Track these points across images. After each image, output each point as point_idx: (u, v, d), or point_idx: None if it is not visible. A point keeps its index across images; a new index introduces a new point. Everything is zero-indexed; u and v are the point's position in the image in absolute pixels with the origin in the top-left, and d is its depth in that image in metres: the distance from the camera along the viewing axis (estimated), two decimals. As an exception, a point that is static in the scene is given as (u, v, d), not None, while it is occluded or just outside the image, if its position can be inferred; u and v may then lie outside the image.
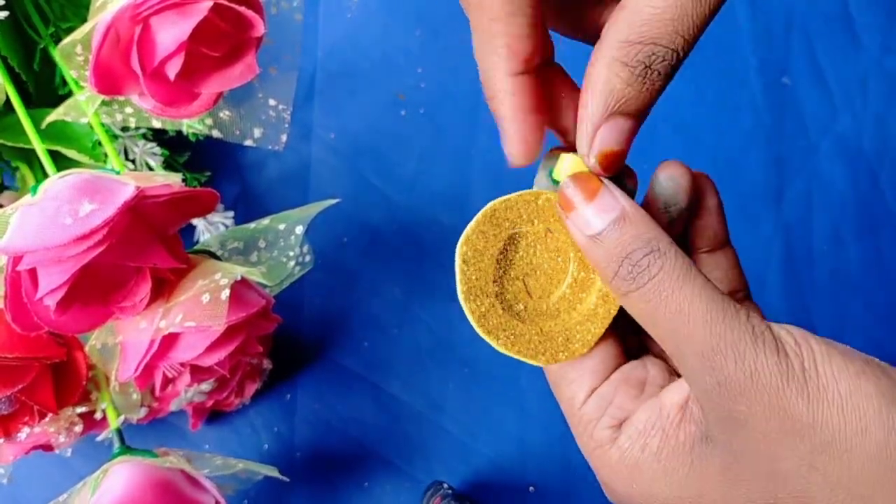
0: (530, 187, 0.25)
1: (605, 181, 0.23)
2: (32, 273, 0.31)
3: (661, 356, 0.27)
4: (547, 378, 0.26)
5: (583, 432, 0.25)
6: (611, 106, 0.22)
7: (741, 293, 0.27)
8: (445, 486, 0.50)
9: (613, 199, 0.23)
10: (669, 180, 0.25)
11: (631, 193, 0.25)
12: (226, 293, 0.35)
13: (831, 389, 0.20)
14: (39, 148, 0.36)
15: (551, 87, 0.25)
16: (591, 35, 0.25)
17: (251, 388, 0.49)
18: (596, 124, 0.22)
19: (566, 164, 0.24)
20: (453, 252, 0.27)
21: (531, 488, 0.53)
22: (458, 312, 0.60)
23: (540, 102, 0.23)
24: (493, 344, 0.25)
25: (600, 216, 0.23)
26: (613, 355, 0.26)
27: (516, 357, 0.25)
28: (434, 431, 0.53)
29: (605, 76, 0.21)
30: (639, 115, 0.22)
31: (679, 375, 0.25)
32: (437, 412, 0.53)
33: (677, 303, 0.21)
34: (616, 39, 0.21)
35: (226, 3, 0.32)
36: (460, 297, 0.26)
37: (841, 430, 0.20)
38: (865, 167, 0.57)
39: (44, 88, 0.44)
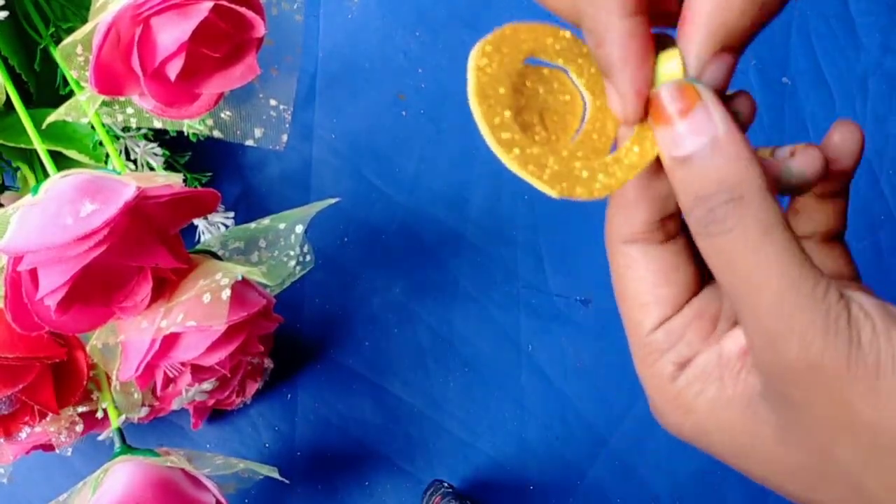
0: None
1: (707, 95, 0.20)
2: (33, 273, 0.31)
3: None
4: (614, 288, 0.24)
5: (644, 359, 0.23)
6: (722, 41, 0.20)
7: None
8: (446, 484, 0.50)
9: (709, 120, 0.20)
10: (799, 174, 0.23)
11: (743, 119, 0.22)
12: (227, 293, 0.35)
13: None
14: (40, 148, 0.37)
15: None
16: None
17: (252, 388, 0.49)
18: (704, 63, 0.20)
19: (671, 65, 0.21)
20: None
21: (531, 488, 0.53)
22: (459, 312, 0.60)
23: (652, 44, 0.21)
24: (505, 159, 0.21)
25: (690, 137, 0.20)
26: (690, 283, 0.23)
27: (529, 179, 0.21)
28: (434, 430, 0.53)
29: (711, 9, 0.19)
30: (743, 49, 0.20)
31: None
32: (438, 411, 0.53)
33: (749, 267, 0.19)
34: None
35: (226, 3, 0.32)
36: (471, 97, 0.21)
37: None
38: (865, 167, 0.58)
39: (44, 89, 0.44)
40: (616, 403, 0.54)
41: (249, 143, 0.40)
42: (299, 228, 0.40)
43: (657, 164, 0.22)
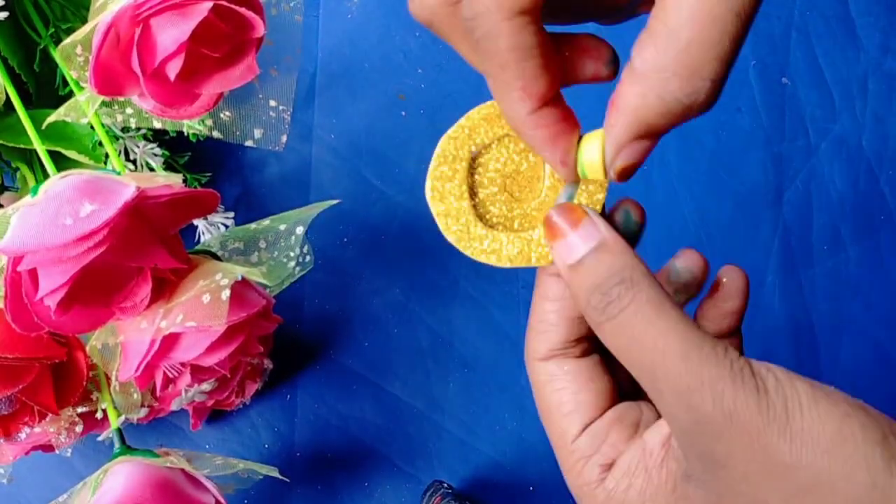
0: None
1: (590, 211, 0.24)
2: (33, 273, 0.31)
3: None
4: (537, 406, 0.26)
5: (572, 468, 0.24)
6: (639, 132, 0.22)
7: None
8: (445, 485, 0.50)
9: (595, 228, 0.23)
10: (686, 271, 0.25)
11: (638, 227, 0.25)
12: (226, 293, 0.35)
13: (816, 431, 0.19)
14: (40, 148, 0.36)
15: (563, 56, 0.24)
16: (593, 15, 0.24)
17: (252, 388, 0.49)
18: (621, 146, 0.22)
19: (591, 149, 0.23)
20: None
21: (531, 488, 0.53)
22: (459, 312, 0.60)
23: (566, 122, 0.23)
24: (477, 257, 0.26)
25: (582, 244, 0.23)
26: (608, 393, 0.25)
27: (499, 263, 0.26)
28: (434, 431, 0.53)
29: (635, 104, 0.21)
30: (662, 136, 0.22)
31: None
32: (438, 412, 0.53)
33: (651, 337, 0.21)
34: (653, 68, 0.20)
35: (226, 3, 0.32)
36: (442, 229, 0.26)
37: (826, 471, 0.19)
38: (865, 167, 0.58)
39: (44, 89, 0.44)
40: (616, 404, 0.54)
41: (249, 143, 0.40)
42: (300, 229, 0.40)
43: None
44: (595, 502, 0.24)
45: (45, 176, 0.34)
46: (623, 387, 0.26)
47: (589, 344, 0.25)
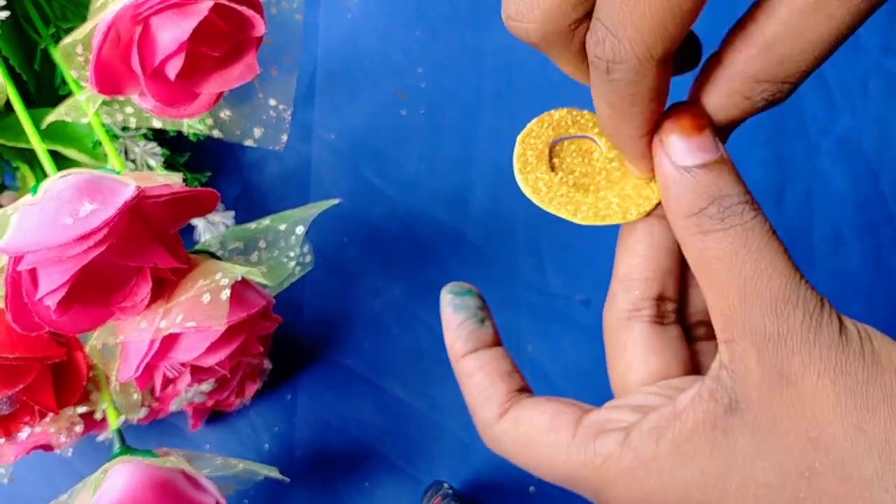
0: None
1: (712, 126, 0.23)
2: (33, 273, 0.31)
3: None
4: (526, 463, 0.25)
5: (584, 459, 0.23)
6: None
7: None
8: (446, 485, 0.50)
9: (716, 145, 0.22)
10: None
11: None
12: (226, 293, 0.35)
13: (892, 358, 0.20)
14: (40, 148, 0.36)
15: None
16: None
17: (251, 389, 0.49)
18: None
19: None
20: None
21: (531, 488, 0.53)
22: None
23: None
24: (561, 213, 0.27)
25: (697, 152, 0.22)
26: (678, 362, 0.26)
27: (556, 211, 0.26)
28: (434, 431, 0.53)
29: (720, 103, 0.22)
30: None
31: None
32: (438, 412, 0.53)
33: (760, 251, 0.21)
34: (743, 71, 0.21)
35: (226, 3, 0.32)
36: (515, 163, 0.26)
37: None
38: (865, 167, 0.57)
39: (44, 88, 0.44)
40: (616, 404, 0.54)
41: (249, 142, 0.40)
42: (300, 229, 0.40)
43: (662, 249, 0.26)
44: (622, 472, 0.22)
45: (45, 175, 0.34)
46: (642, 372, 0.26)
47: (672, 311, 0.26)
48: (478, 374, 0.27)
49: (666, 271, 0.26)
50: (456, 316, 0.28)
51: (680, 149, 0.22)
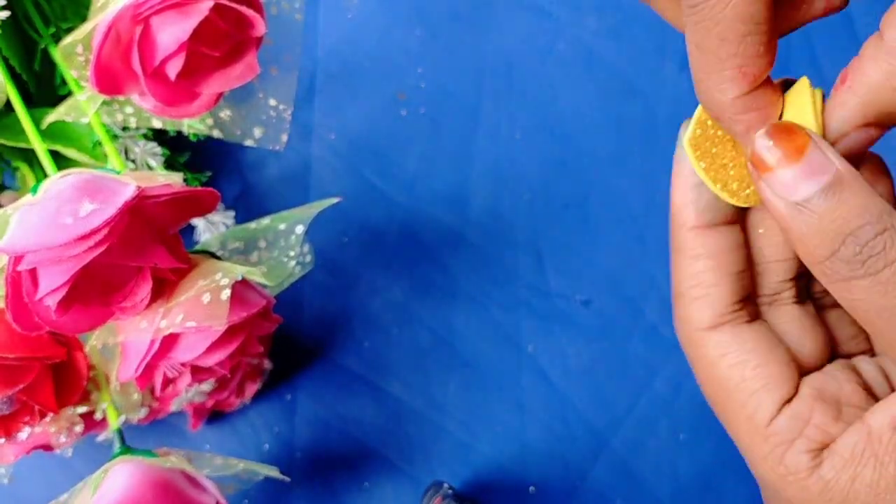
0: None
1: (814, 136, 0.19)
2: (33, 273, 0.31)
3: (849, 363, 0.23)
4: (705, 386, 0.22)
5: (769, 455, 0.20)
6: (872, 118, 0.19)
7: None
8: (446, 486, 0.50)
9: (825, 159, 0.19)
10: None
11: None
12: (226, 293, 0.35)
13: None
14: (40, 148, 0.36)
15: None
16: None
17: (251, 389, 0.49)
18: (847, 130, 0.20)
19: (794, 115, 0.20)
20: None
21: (531, 488, 0.53)
22: (459, 312, 0.60)
23: (775, 106, 0.20)
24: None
25: (808, 180, 0.18)
26: (794, 364, 0.21)
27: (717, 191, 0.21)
28: (434, 431, 0.53)
29: (878, 83, 0.18)
30: (889, 128, 0.19)
31: (875, 397, 0.21)
32: (438, 412, 0.53)
33: None
34: None
35: (226, 3, 0.32)
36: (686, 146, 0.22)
37: None
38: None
39: (44, 88, 0.44)
40: (617, 404, 0.54)
41: (249, 142, 0.40)
42: (300, 229, 0.40)
43: (724, 241, 0.22)
44: (807, 496, 0.20)
45: (45, 175, 0.34)
46: (806, 349, 0.22)
47: (754, 308, 0.22)
48: (703, 262, 0.21)
49: (739, 269, 0.22)
50: (695, 174, 0.22)
51: (785, 181, 0.19)
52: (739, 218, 0.22)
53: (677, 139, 0.22)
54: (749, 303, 0.22)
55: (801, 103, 0.20)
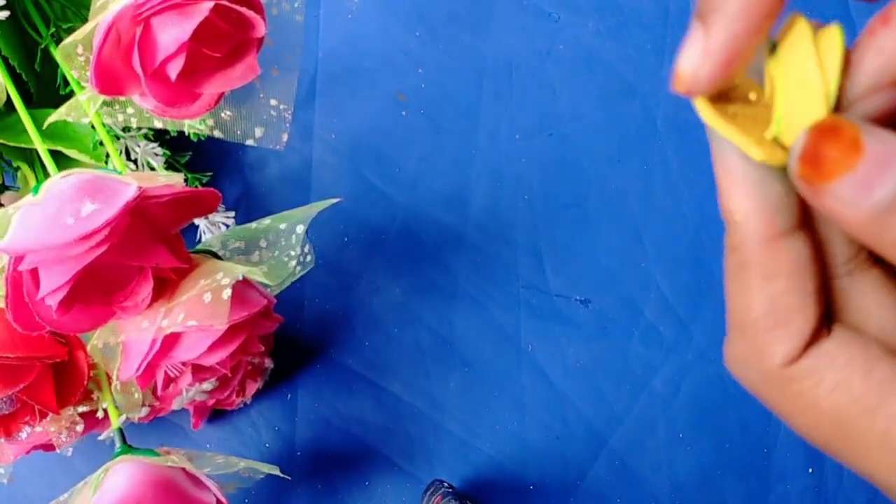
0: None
1: (864, 126, 0.15)
2: (34, 273, 0.31)
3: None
4: (818, 434, 0.18)
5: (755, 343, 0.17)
6: None
7: None
8: (446, 484, 0.50)
9: (886, 147, 0.15)
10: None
11: None
12: (227, 293, 0.35)
13: None
14: (41, 148, 0.37)
15: None
16: None
17: (252, 388, 0.49)
18: (881, 84, 0.16)
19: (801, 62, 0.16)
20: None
21: (531, 487, 0.53)
22: (459, 312, 0.60)
23: (766, 23, 0.16)
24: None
25: (879, 179, 0.15)
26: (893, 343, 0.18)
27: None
28: (434, 430, 0.53)
29: None
30: None
31: None
32: (438, 411, 0.53)
33: None
34: None
35: (227, 3, 0.32)
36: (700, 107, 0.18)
37: None
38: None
39: (45, 88, 0.44)
40: (616, 403, 0.54)
41: (250, 142, 0.40)
42: (300, 228, 0.40)
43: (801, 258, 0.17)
44: (787, 392, 0.17)
45: (46, 175, 0.34)
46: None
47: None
48: (782, 283, 0.17)
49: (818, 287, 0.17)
50: (750, 169, 0.17)
51: (853, 185, 0.15)
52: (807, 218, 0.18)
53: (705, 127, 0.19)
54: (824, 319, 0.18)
55: (800, 54, 0.16)
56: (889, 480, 0.17)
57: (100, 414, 0.40)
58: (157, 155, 0.47)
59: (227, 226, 0.51)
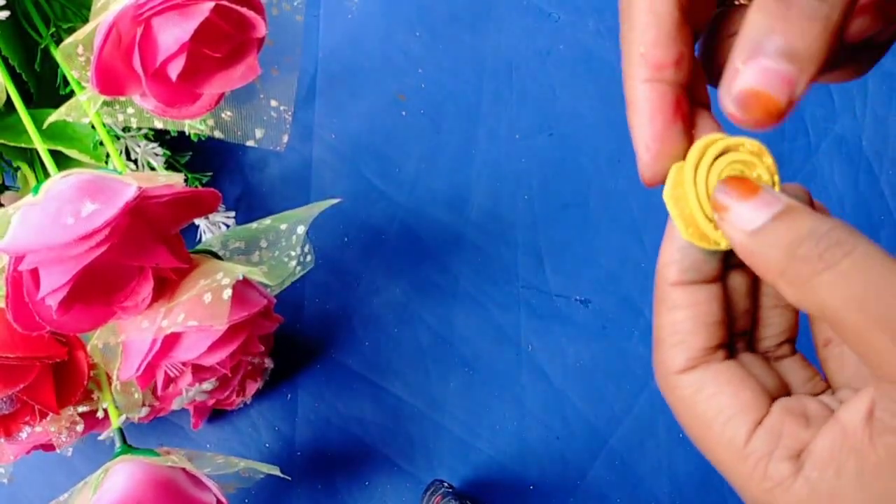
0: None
1: (764, 185, 0.21)
2: (34, 273, 0.31)
3: (812, 393, 0.24)
4: (686, 424, 0.23)
5: (752, 473, 0.21)
6: (763, 48, 0.19)
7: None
8: (446, 484, 0.50)
9: (774, 197, 0.20)
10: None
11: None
12: (228, 293, 0.35)
13: None
14: (41, 148, 0.37)
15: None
16: None
17: (252, 388, 0.49)
18: (747, 58, 0.19)
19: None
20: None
21: (531, 487, 0.53)
22: (459, 312, 0.60)
23: (676, 114, 0.22)
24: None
25: (761, 210, 0.20)
26: (765, 391, 0.22)
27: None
28: (434, 430, 0.53)
29: (757, 18, 0.19)
30: (810, 64, 0.19)
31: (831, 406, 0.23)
32: (438, 411, 0.53)
33: (887, 277, 0.18)
34: None
35: (227, 4, 0.32)
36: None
37: None
38: (865, 167, 0.58)
39: (45, 88, 0.44)
40: (616, 403, 0.54)
41: (250, 143, 0.40)
42: (301, 229, 0.40)
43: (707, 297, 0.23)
44: (796, 500, 0.20)
45: (47, 175, 0.34)
46: (768, 388, 0.24)
47: (726, 351, 0.23)
48: (682, 312, 0.23)
49: (718, 320, 0.23)
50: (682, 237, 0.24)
51: (742, 215, 0.21)
52: (721, 276, 0.24)
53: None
54: (723, 349, 0.23)
55: (682, 178, 0.23)
56: (729, 477, 0.22)
57: (100, 414, 0.40)
58: (157, 155, 0.47)
59: (228, 226, 0.51)
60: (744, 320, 0.25)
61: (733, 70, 0.20)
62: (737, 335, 0.25)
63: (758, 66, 0.19)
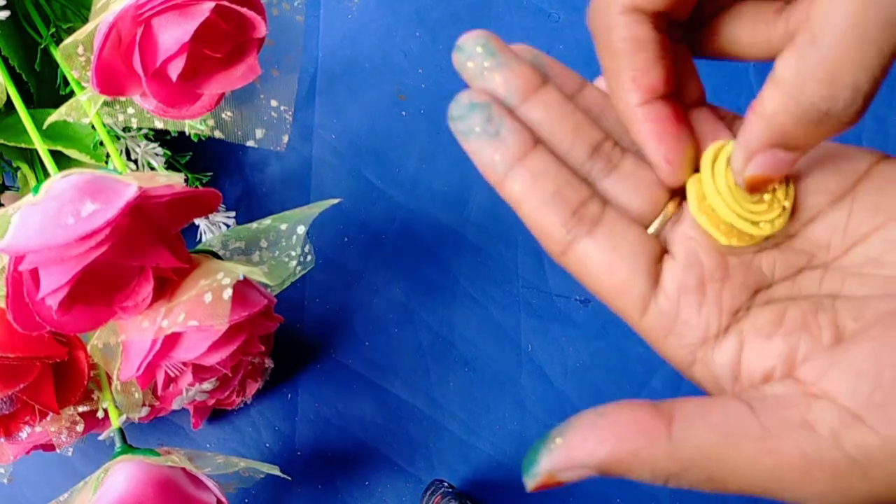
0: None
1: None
2: (34, 273, 0.31)
3: None
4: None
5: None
6: (775, 139, 0.21)
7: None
8: (446, 484, 0.50)
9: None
10: None
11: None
12: (228, 293, 0.35)
13: None
14: (41, 148, 0.37)
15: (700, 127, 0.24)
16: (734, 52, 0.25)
17: (253, 387, 0.49)
18: (754, 152, 0.22)
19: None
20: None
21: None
22: (459, 312, 0.60)
23: (679, 124, 0.23)
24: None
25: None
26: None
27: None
28: (434, 430, 0.53)
29: (773, 109, 0.21)
30: (805, 151, 0.22)
31: None
32: (438, 411, 0.53)
33: None
34: (794, 72, 0.20)
35: (227, 4, 0.32)
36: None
37: None
38: (865, 167, 0.58)
39: (45, 89, 0.44)
40: (616, 403, 0.54)
41: (250, 143, 0.40)
42: (301, 229, 0.40)
43: None
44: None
45: (47, 175, 0.34)
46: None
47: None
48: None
49: None
50: None
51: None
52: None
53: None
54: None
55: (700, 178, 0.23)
56: (663, 350, 0.25)
57: (100, 414, 0.40)
58: (157, 155, 0.47)
59: (228, 226, 0.51)
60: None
61: (748, 152, 0.22)
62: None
63: (768, 155, 0.22)
